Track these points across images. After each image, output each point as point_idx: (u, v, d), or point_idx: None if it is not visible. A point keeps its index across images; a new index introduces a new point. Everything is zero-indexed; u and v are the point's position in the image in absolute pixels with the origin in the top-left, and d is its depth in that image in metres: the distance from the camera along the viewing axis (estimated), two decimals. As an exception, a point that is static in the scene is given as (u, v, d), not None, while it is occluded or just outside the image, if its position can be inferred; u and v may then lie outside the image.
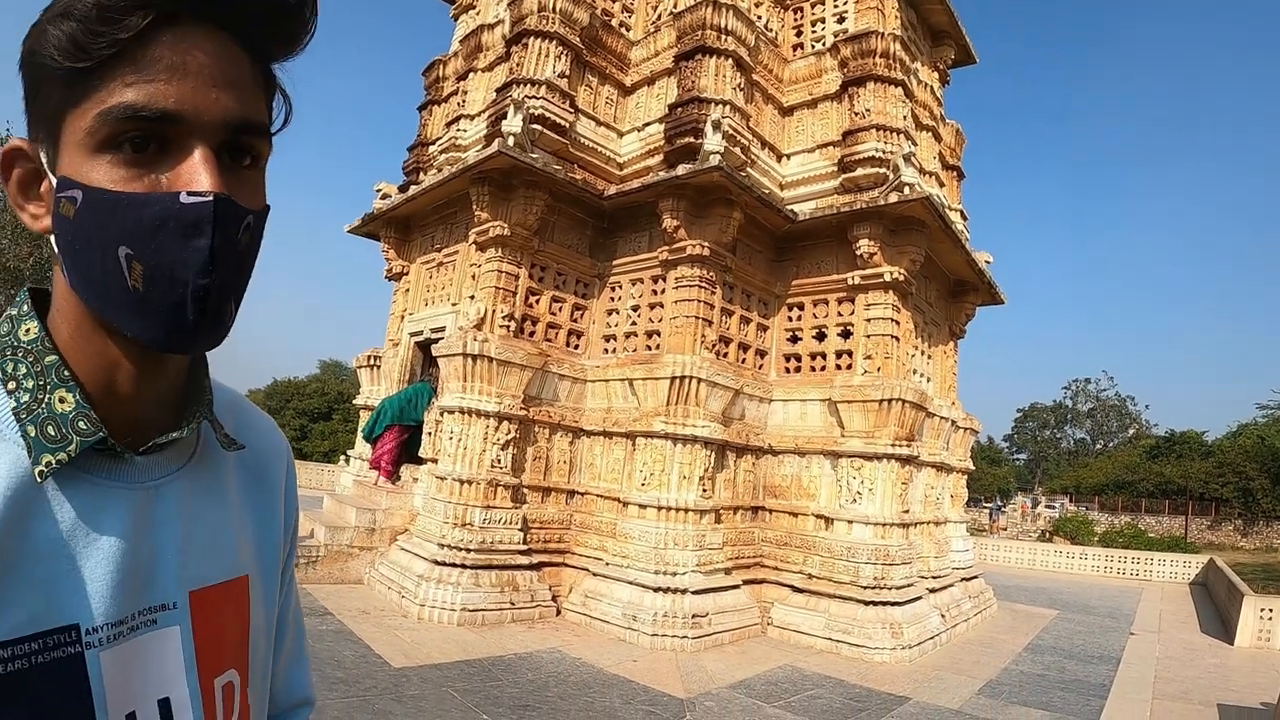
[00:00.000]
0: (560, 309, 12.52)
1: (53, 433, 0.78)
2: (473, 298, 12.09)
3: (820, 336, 12.65)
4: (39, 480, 0.77)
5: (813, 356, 12.69)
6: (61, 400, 0.80)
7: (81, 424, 0.80)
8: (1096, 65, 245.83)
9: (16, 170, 0.82)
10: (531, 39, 12.25)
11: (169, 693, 0.87)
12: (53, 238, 0.81)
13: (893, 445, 11.26)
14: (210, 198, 0.75)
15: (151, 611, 0.85)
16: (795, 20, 14.42)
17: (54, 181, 0.79)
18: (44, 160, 0.80)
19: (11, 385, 0.80)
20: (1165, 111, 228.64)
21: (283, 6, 0.82)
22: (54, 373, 0.81)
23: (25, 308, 0.84)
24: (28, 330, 0.83)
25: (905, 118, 12.98)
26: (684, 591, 10.24)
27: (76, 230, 0.77)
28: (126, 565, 0.82)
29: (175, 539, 0.89)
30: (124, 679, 0.81)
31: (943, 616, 11.95)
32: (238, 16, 0.79)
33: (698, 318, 11.50)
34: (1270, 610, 13.74)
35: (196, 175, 0.75)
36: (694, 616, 10.09)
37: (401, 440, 13.73)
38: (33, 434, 0.78)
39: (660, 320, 11.96)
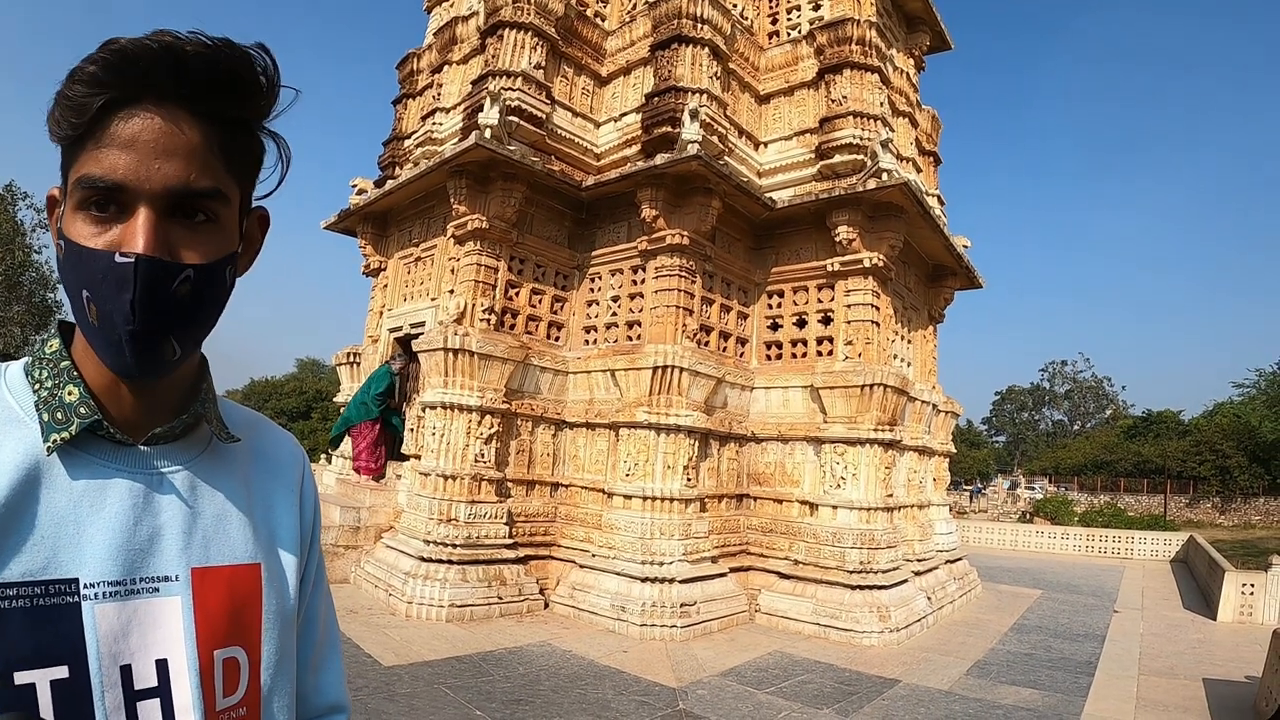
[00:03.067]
0: (540, 301, 12.47)
1: (61, 417, 0.96)
2: (452, 292, 12.03)
3: (801, 323, 12.67)
4: (48, 454, 0.94)
5: (794, 343, 12.72)
6: (70, 393, 0.97)
7: (83, 409, 0.96)
8: (1066, 47, 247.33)
9: (54, 214, 0.98)
10: (506, 30, 12.17)
11: (167, 654, 0.97)
12: None
13: (875, 430, 11.31)
14: (133, 259, 0.89)
15: (154, 581, 0.97)
16: (770, 8, 14.40)
17: (60, 230, 0.95)
18: (61, 204, 0.97)
19: (36, 385, 0.99)
20: (1137, 93, 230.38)
21: (222, 80, 0.94)
22: (66, 374, 0.99)
23: (53, 330, 1.04)
24: (51, 346, 1.02)
25: (882, 104, 13.00)
26: (671, 581, 10.25)
27: (63, 272, 0.95)
28: (127, 535, 0.96)
29: (179, 521, 1.02)
30: (121, 634, 0.93)
31: (929, 599, 12.03)
32: (184, 92, 0.92)
33: (678, 307, 11.49)
34: (1251, 585, 13.92)
35: (134, 238, 0.90)
36: (682, 605, 10.10)
37: (375, 434, 13.69)
38: (46, 419, 0.95)
39: (641, 310, 11.94)
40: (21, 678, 0.85)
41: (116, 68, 0.88)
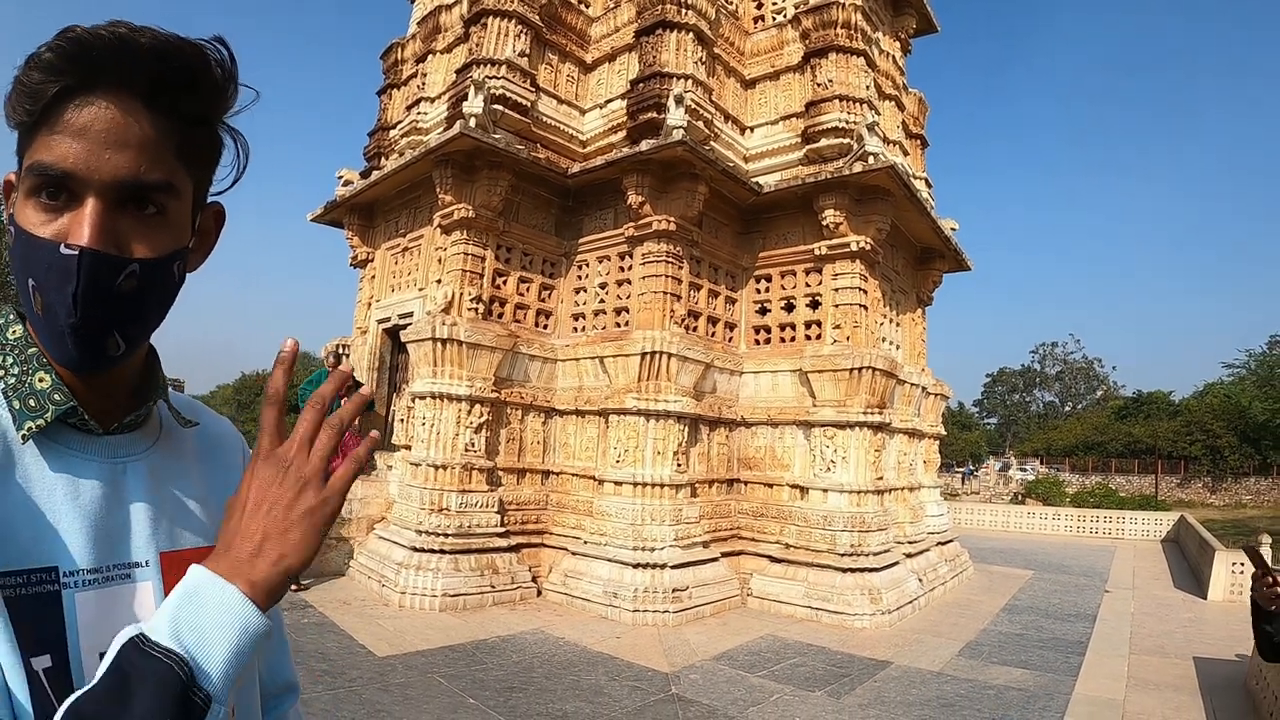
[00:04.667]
0: (528, 289, 12.45)
1: (33, 404, 0.94)
2: (439, 282, 11.99)
3: (789, 308, 12.67)
4: (22, 443, 0.93)
5: (782, 328, 12.72)
6: (40, 380, 0.96)
7: (57, 396, 0.95)
8: (1053, 22, 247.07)
9: (9, 199, 0.96)
10: (490, 18, 12.10)
11: None
12: None
13: (864, 413, 11.33)
14: (77, 251, 0.88)
15: (126, 567, 0.98)
16: (755, -8, 14.35)
17: (12, 216, 0.93)
18: (16, 188, 0.95)
19: (1, 372, 0.96)
20: (1128, 70, 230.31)
21: (177, 74, 0.92)
22: (34, 360, 0.97)
23: (11, 316, 1.01)
24: (14, 331, 0.99)
25: (868, 87, 12.97)
26: (663, 566, 10.28)
27: (12, 259, 0.94)
28: (100, 524, 0.96)
29: (145, 507, 1.02)
30: (99, 621, 0.93)
31: (920, 581, 12.08)
32: (138, 84, 0.90)
33: (666, 293, 11.48)
34: (1241, 564, 13.95)
35: (80, 228, 0.88)
36: (674, 591, 10.13)
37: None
38: (17, 406, 0.94)
39: (628, 297, 11.93)
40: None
41: (72, 56, 0.86)
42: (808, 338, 12.29)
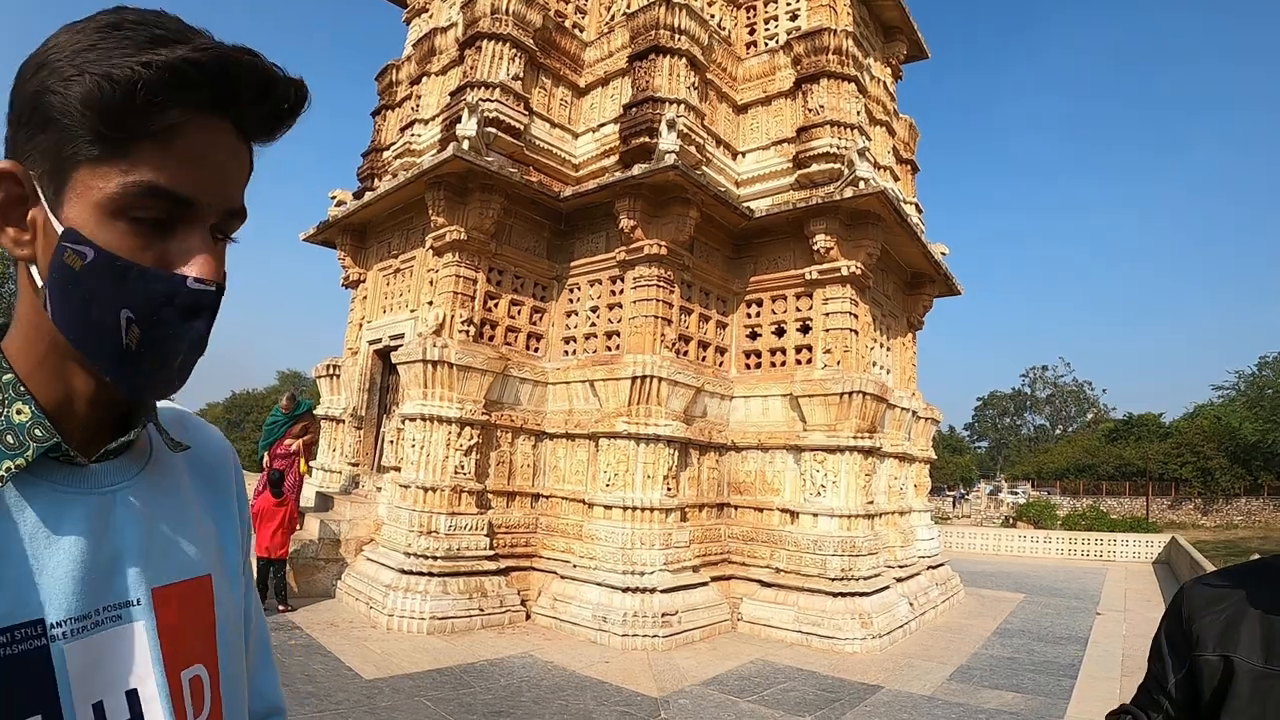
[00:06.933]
0: (519, 312, 12.47)
1: (11, 441, 0.83)
2: (431, 303, 12.01)
3: (779, 332, 12.71)
4: (0, 485, 0.82)
5: (772, 352, 12.75)
6: (19, 412, 0.85)
7: (38, 431, 0.85)
8: (1041, 53, 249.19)
9: (2, 193, 0.85)
10: (485, 42, 12.19)
11: (136, 685, 0.90)
12: (34, 269, 0.86)
13: (855, 437, 11.35)
14: (214, 287, 0.86)
15: (116, 608, 0.90)
16: (748, 18, 14.48)
17: (58, 227, 0.82)
18: (40, 193, 0.84)
19: None
20: (1112, 97, 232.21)
21: (286, 112, 0.91)
22: (10, 389, 0.86)
23: None
24: None
25: (859, 113, 13.08)
26: (653, 591, 10.25)
27: (80, 283, 0.82)
28: (88, 564, 0.87)
29: (136, 539, 0.93)
30: (90, 670, 0.86)
31: (911, 605, 12.06)
32: (252, 117, 0.88)
33: (657, 317, 11.51)
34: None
35: (204, 262, 0.85)
36: (664, 615, 10.09)
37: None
38: None
39: (619, 320, 11.96)
40: None
41: (215, 74, 0.82)
42: (798, 362, 12.33)
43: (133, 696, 0.89)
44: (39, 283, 0.85)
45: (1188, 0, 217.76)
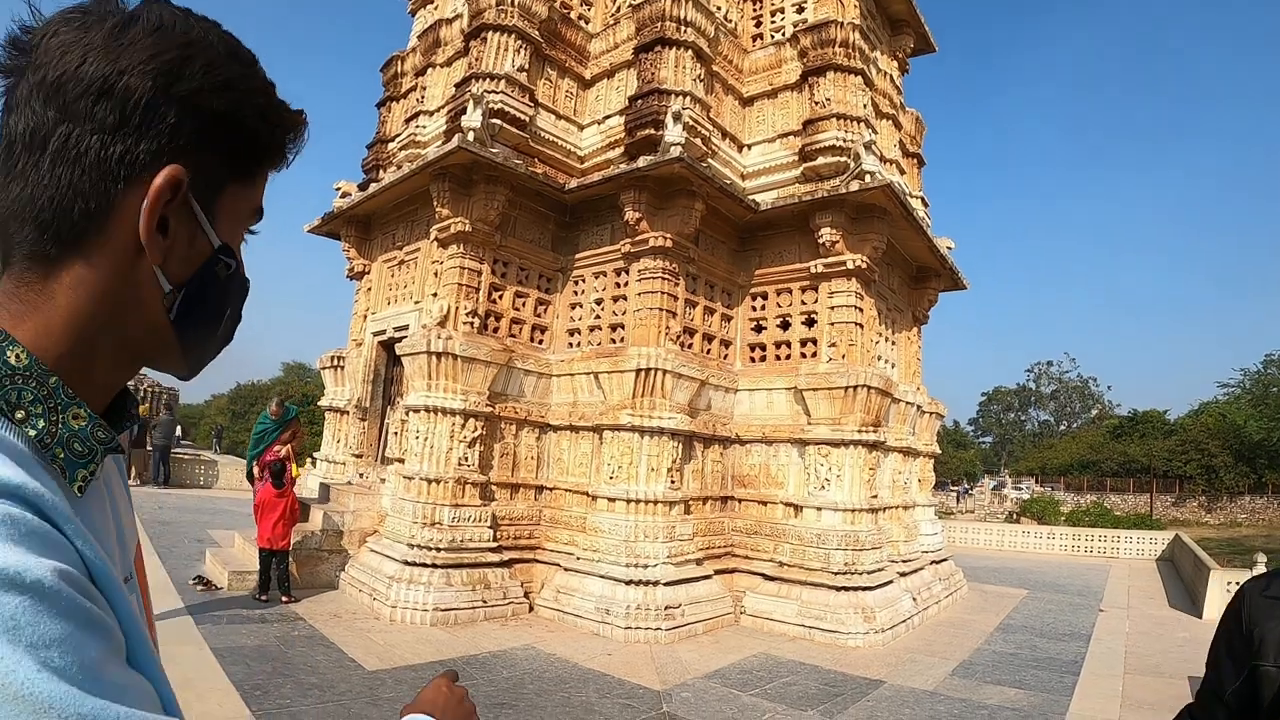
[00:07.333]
0: (524, 304, 12.45)
1: (79, 449, 0.82)
2: (435, 295, 11.99)
3: (784, 325, 12.68)
4: (79, 495, 0.81)
5: (777, 345, 12.73)
6: (75, 417, 0.82)
7: (100, 434, 0.84)
8: (1046, 52, 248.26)
9: (169, 199, 0.83)
10: (490, 33, 12.15)
11: None
12: (160, 271, 0.85)
13: (859, 431, 11.32)
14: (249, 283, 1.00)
15: (126, 583, 0.91)
16: (755, 11, 14.42)
17: (214, 240, 0.89)
18: (194, 203, 0.86)
19: (20, 415, 0.78)
20: (1117, 91, 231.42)
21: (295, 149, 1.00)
22: (61, 393, 0.81)
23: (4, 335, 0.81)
24: (17, 356, 0.79)
25: (865, 106, 13.03)
26: (656, 583, 10.24)
27: (217, 289, 0.92)
28: (112, 547, 0.91)
29: (120, 519, 0.98)
30: None
31: (914, 599, 12.05)
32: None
33: (661, 309, 11.49)
34: (1237, 583, 13.86)
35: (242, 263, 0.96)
36: (667, 608, 10.09)
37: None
38: (62, 456, 0.80)
39: (624, 313, 11.94)
40: None
41: (300, 137, 0.97)
42: (803, 355, 12.30)
43: None
44: (166, 286, 0.85)
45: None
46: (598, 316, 12.36)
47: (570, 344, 12.68)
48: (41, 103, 0.78)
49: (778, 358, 12.70)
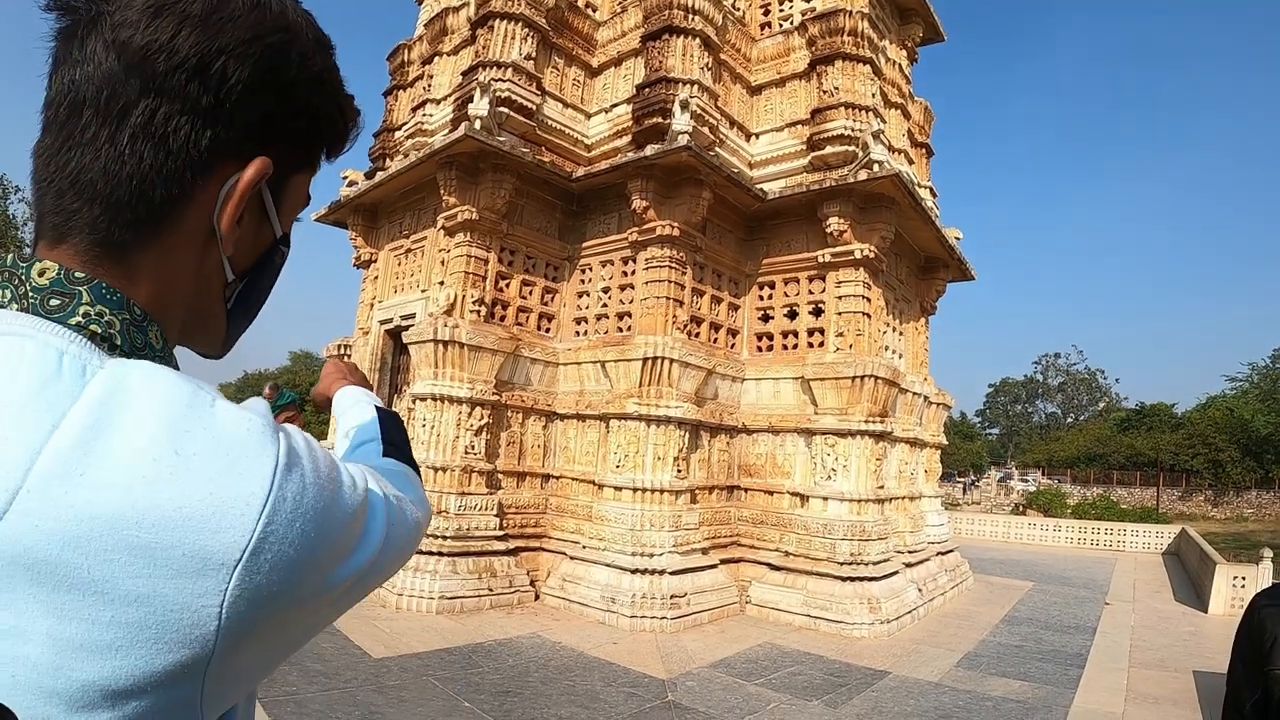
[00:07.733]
0: (531, 293, 12.44)
1: None
2: (442, 284, 11.98)
3: (792, 315, 12.65)
4: None
5: (784, 335, 12.69)
6: None
7: None
8: (1061, 38, 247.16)
9: (258, 185, 0.81)
10: (497, 21, 12.12)
11: None
12: (227, 258, 0.83)
13: (866, 422, 11.29)
14: None
15: None
16: (763, -1, 14.35)
17: (278, 229, 0.88)
18: (268, 195, 0.85)
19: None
20: (1129, 86, 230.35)
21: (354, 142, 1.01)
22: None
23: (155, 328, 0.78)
24: (156, 337, 0.77)
25: (874, 95, 12.96)
26: (662, 572, 10.24)
27: (271, 275, 0.92)
28: None
29: None
30: None
31: (920, 590, 12.03)
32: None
33: (668, 298, 11.46)
34: (1243, 578, 13.93)
35: None
36: (672, 597, 10.09)
37: None
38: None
39: (631, 302, 11.92)
40: None
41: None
42: (810, 345, 12.27)
43: None
44: (229, 275, 0.84)
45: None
46: (604, 305, 12.34)
47: (577, 332, 12.66)
48: (123, 68, 0.70)
49: (785, 347, 12.67)
